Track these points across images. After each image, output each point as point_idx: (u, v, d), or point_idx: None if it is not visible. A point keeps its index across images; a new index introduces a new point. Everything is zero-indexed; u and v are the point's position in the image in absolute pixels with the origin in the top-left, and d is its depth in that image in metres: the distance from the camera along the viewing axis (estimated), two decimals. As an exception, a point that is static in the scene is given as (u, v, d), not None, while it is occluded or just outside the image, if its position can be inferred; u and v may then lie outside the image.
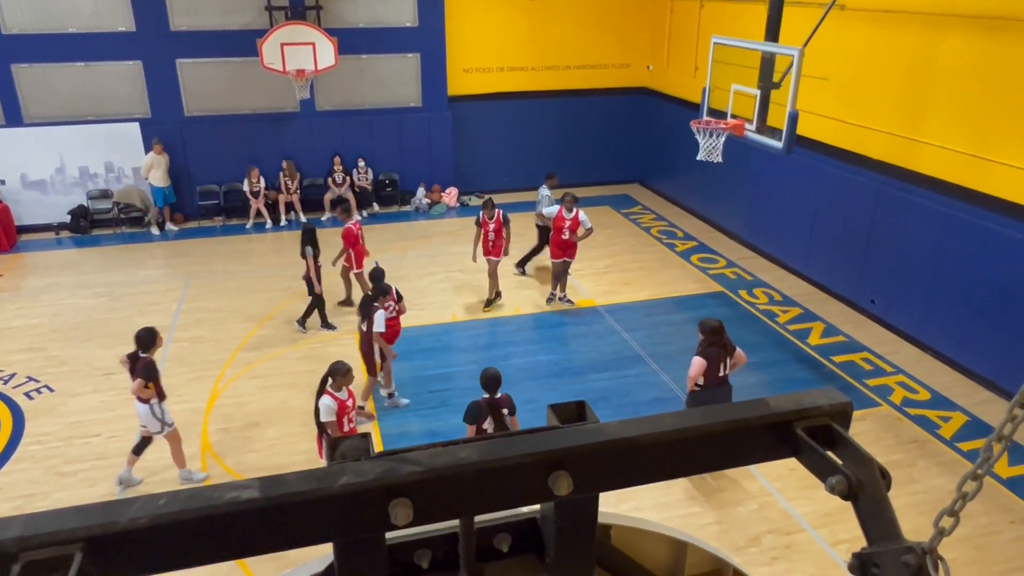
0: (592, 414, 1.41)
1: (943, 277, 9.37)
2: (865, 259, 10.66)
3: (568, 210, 10.52)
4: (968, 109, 8.91)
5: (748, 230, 13.44)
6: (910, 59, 9.65)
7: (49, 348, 9.85)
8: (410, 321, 10.61)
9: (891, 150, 10.04)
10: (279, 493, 1.10)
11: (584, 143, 16.57)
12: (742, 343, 10.06)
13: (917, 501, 6.96)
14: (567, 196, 10.61)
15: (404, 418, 8.34)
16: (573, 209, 10.51)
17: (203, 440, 7.98)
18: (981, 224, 8.78)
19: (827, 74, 10.71)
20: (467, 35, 15.18)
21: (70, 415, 8.39)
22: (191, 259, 12.95)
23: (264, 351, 9.78)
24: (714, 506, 7.02)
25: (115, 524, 1.04)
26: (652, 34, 16.04)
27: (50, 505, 6.96)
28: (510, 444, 1.22)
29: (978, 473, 1.16)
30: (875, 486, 1.19)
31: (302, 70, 13.09)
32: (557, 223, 10.57)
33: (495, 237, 10.64)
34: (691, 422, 1.28)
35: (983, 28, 8.61)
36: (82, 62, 13.48)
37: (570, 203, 10.52)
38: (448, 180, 15.78)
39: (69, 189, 14.01)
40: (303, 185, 14.84)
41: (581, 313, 10.88)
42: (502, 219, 10.64)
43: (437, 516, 1.21)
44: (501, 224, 10.63)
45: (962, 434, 8.10)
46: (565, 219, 10.52)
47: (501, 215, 10.66)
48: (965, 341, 9.19)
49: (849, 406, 1.32)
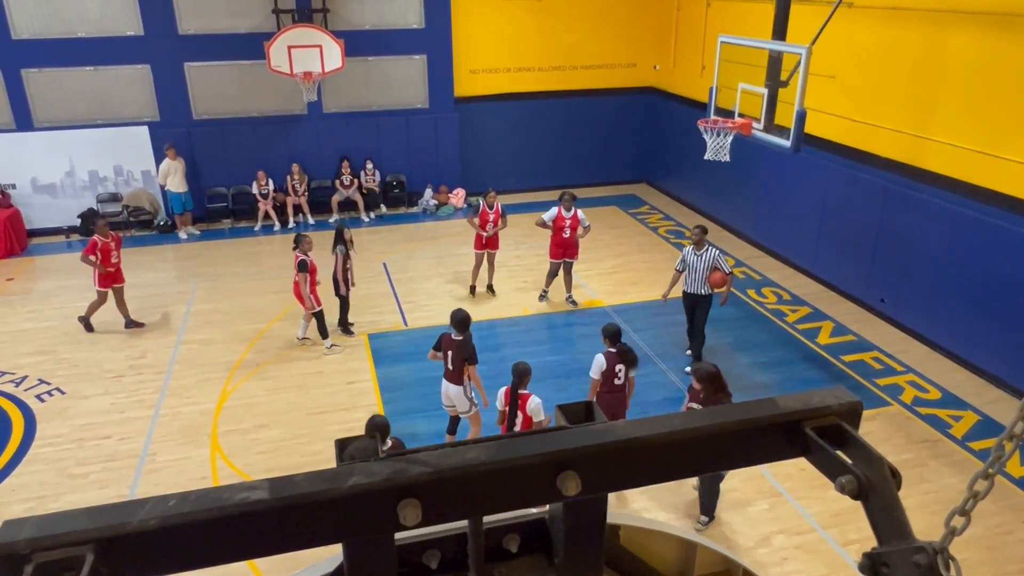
0: (600, 415, 1.41)
1: (952, 275, 9.32)
2: (874, 258, 10.61)
3: (567, 209, 10.53)
4: (976, 106, 8.85)
5: (756, 229, 13.39)
6: (918, 56, 9.60)
7: (60, 351, 9.91)
8: (418, 322, 10.64)
9: (899, 148, 9.98)
10: (289, 494, 1.11)
11: (591, 143, 16.56)
12: (751, 342, 10.10)
13: (928, 501, 6.92)
14: (565, 195, 10.62)
15: (412, 419, 8.35)
16: (572, 208, 10.52)
17: (212, 441, 8.01)
18: (990, 221, 8.72)
19: (835, 72, 10.67)
20: (473, 36, 15.19)
21: (81, 417, 8.44)
22: (200, 261, 13.01)
23: (273, 353, 9.81)
24: (724, 506, 6.99)
25: (126, 525, 1.05)
26: (659, 33, 16.01)
27: (62, 507, 7.00)
28: (519, 445, 1.22)
29: (989, 472, 1.15)
30: (885, 485, 1.18)
31: (309, 72, 13.13)
32: (558, 223, 10.57)
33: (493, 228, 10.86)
34: (700, 422, 1.28)
35: (991, 24, 8.55)
36: (91, 66, 13.56)
37: (568, 202, 10.52)
38: (455, 181, 15.79)
39: (79, 193, 14.10)
40: (311, 187, 14.88)
41: (589, 313, 10.87)
42: (501, 211, 10.90)
43: (446, 517, 1.21)
44: (500, 215, 10.86)
45: (973, 433, 8.05)
46: (565, 218, 10.54)
47: (500, 207, 10.92)
48: (976, 340, 9.13)
49: (859, 405, 1.32)
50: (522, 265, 12.46)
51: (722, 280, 8.92)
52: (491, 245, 11.03)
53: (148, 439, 8.01)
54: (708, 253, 9.00)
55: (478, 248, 11.06)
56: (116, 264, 10.17)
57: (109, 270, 10.07)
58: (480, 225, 10.86)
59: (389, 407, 8.61)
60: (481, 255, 11.12)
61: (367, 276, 12.29)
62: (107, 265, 10.01)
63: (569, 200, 10.55)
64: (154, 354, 9.79)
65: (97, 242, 9.97)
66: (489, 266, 11.26)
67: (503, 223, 10.95)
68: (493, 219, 10.85)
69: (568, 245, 10.68)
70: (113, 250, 10.09)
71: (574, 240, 10.66)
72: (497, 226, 10.89)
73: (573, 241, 10.67)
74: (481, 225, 10.85)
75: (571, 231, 10.57)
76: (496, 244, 11.09)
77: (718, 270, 8.92)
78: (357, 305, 11.12)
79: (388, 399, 8.77)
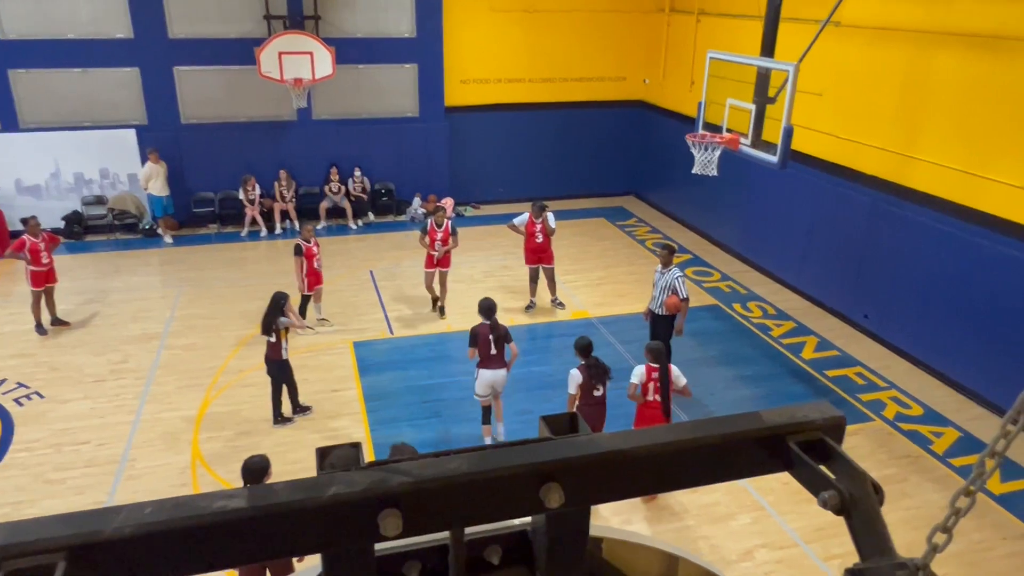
0: (585, 426, 1.40)
1: (936, 292, 9.41)
2: (859, 274, 10.70)
3: (536, 215, 10.88)
4: (961, 126, 8.98)
5: (743, 244, 13.48)
6: (904, 76, 9.73)
7: (39, 354, 9.80)
8: (404, 331, 10.61)
9: (885, 166, 10.10)
10: (267, 503, 1.09)
11: (580, 155, 16.63)
12: (736, 356, 10.15)
13: (910, 516, 6.96)
14: (536, 204, 11.05)
15: (396, 428, 8.31)
16: (541, 214, 10.87)
17: (193, 448, 7.93)
18: (974, 240, 8.82)
19: (822, 90, 10.79)
20: (464, 46, 15.24)
21: (59, 422, 8.33)
22: (185, 266, 12.92)
23: (257, 359, 9.71)
24: (706, 520, 7.00)
25: (100, 533, 1.03)
26: (649, 48, 16.13)
27: (38, 512, 6.89)
28: (501, 455, 1.21)
29: (971, 489, 1.16)
30: (868, 501, 1.18)
31: (299, 79, 13.12)
32: (529, 228, 10.97)
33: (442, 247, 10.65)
34: (684, 435, 1.28)
35: (976, 46, 8.69)
36: (80, 68, 13.48)
37: (538, 211, 10.91)
38: (444, 190, 15.80)
39: (64, 195, 13.98)
40: (299, 194, 14.83)
41: (575, 324, 10.88)
42: (450, 229, 10.74)
43: (427, 527, 1.20)
44: (449, 233, 10.69)
45: (954, 450, 8.11)
46: (535, 223, 10.91)
47: (450, 225, 10.79)
48: (958, 357, 9.21)
49: (842, 420, 1.32)
50: (509, 275, 12.47)
51: (676, 306, 8.81)
52: (442, 264, 10.74)
53: (128, 445, 7.92)
54: (669, 274, 8.92)
55: (428, 267, 10.78)
56: (48, 264, 10.19)
57: (40, 269, 10.09)
58: (429, 244, 10.60)
59: (373, 416, 8.57)
60: (432, 273, 10.79)
61: (354, 284, 12.26)
62: (37, 264, 10.03)
63: (539, 209, 10.90)
64: (136, 359, 9.69)
65: (26, 241, 9.99)
66: (441, 286, 10.92)
67: (453, 242, 10.69)
68: (442, 238, 10.59)
69: (541, 250, 11.03)
70: (43, 250, 10.11)
71: (546, 245, 10.99)
72: (447, 245, 10.63)
73: (545, 246, 10.99)
74: (430, 244, 10.59)
75: (543, 236, 10.93)
76: (447, 263, 10.80)
77: (675, 294, 8.82)
78: (344, 312, 11.10)
79: (372, 407, 8.72)
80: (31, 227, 10.11)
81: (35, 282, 10.12)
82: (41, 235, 10.17)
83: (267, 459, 5.36)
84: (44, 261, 10.14)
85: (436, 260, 10.71)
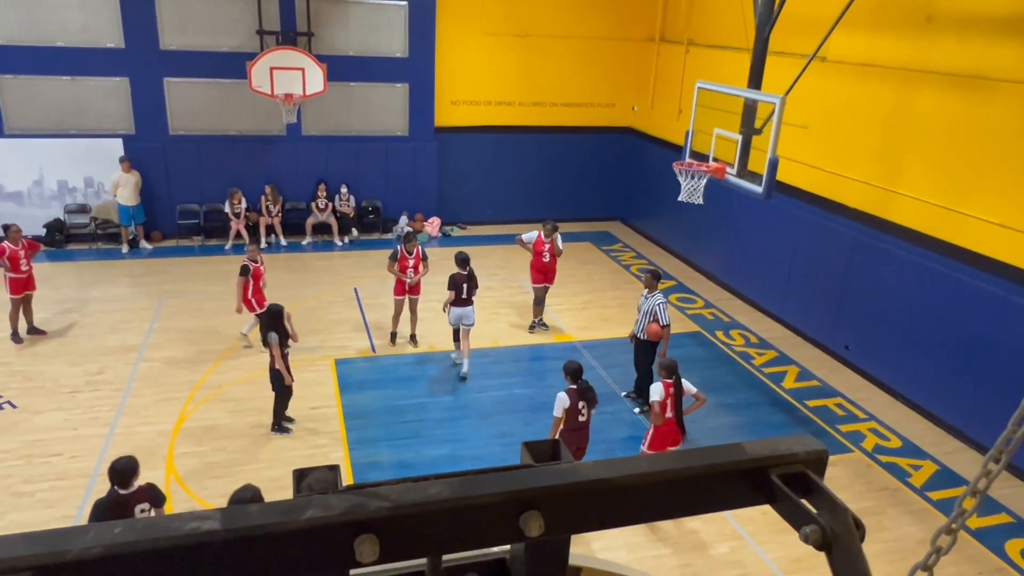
0: (567, 454, 1.39)
1: (916, 326, 9.50)
2: (840, 305, 10.79)
3: (547, 235, 11.03)
4: (942, 163, 9.13)
5: (726, 272, 13.57)
6: (887, 112, 9.90)
7: (14, 363, 9.63)
8: (386, 351, 10.55)
9: (867, 199, 10.23)
10: (241, 525, 1.07)
11: (568, 179, 16.73)
12: (718, 384, 10.16)
13: (887, 549, 6.96)
14: (547, 223, 11.15)
15: (375, 448, 8.22)
16: (552, 234, 11.04)
17: (168, 463, 7.80)
18: (954, 276, 8.94)
19: (807, 123, 10.95)
20: (456, 68, 15.35)
21: (31, 433, 8.17)
22: (167, 278, 12.79)
23: (237, 374, 9.63)
24: (685, 548, 6.96)
25: (66, 553, 1.00)
26: (638, 76, 16.33)
27: (5, 526, 6.73)
28: (482, 482, 1.19)
29: (952, 527, 1.16)
30: (849, 537, 1.17)
31: (290, 94, 13.13)
32: (537, 247, 11.07)
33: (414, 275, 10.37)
34: (667, 465, 1.27)
35: (957, 86, 8.87)
36: (68, 76, 13.41)
37: (550, 231, 11.03)
38: (431, 210, 15.82)
39: (46, 202, 13.84)
40: (285, 209, 14.79)
41: (559, 347, 10.87)
42: (421, 255, 10.47)
43: (405, 554, 1.18)
44: (420, 260, 10.43)
45: (932, 483, 8.15)
46: (544, 243, 11.01)
47: (420, 251, 10.49)
48: (936, 390, 9.29)
49: (825, 454, 1.31)
50: (493, 298, 12.46)
51: (656, 333, 8.93)
52: (413, 291, 10.45)
53: (100, 458, 7.76)
54: (652, 300, 9.02)
55: (398, 294, 10.44)
56: (27, 271, 10.12)
57: (19, 276, 10.00)
58: (400, 271, 10.35)
59: (352, 435, 8.48)
60: (401, 301, 10.46)
61: (337, 301, 12.19)
62: (16, 271, 9.96)
63: (551, 229, 11.02)
64: (113, 370, 9.55)
65: (6, 248, 9.91)
66: (411, 314, 10.59)
67: (424, 268, 10.49)
68: (413, 265, 10.34)
69: (548, 270, 11.16)
70: (22, 257, 10.04)
71: (553, 265, 11.16)
72: (418, 273, 10.41)
73: (552, 266, 11.15)
74: (401, 270, 10.34)
75: (550, 256, 11.05)
76: (418, 290, 10.49)
77: (656, 321, 8.93)
78: (327, 328, 11.02)
79: (352, 426, 8.63)
80: (12, 234, 10.01)
81: (14, 289, 10.00)
82: (21, 242, 10.08)
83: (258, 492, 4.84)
84: (24, 268, 10.03)
85: (408, 287, 10.44)
